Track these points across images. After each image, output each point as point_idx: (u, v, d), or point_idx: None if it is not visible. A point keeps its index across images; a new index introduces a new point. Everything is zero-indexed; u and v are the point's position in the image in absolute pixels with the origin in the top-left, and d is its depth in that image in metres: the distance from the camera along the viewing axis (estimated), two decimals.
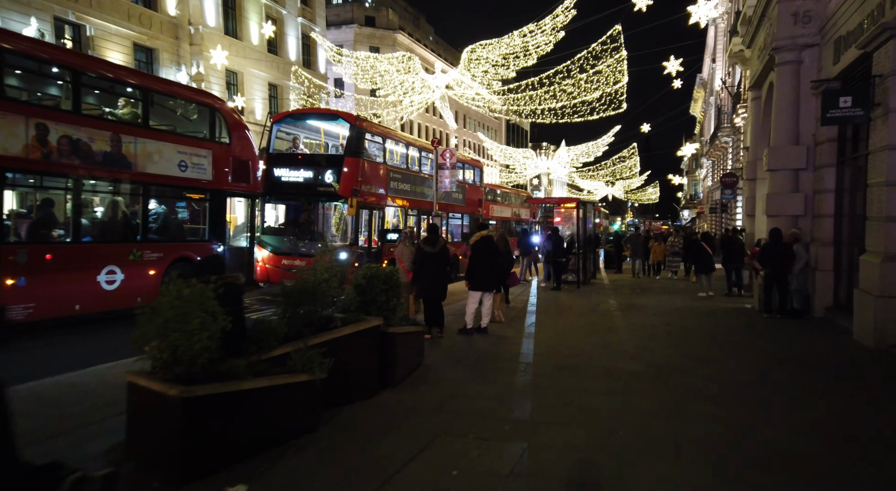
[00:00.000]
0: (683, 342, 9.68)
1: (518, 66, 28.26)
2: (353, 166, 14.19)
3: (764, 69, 15.59)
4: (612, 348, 9.08)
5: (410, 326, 7.14)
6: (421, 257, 9.55)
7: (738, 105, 26.78)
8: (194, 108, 12.06)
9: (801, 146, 13.15)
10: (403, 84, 30.33)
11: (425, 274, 9.50)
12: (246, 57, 35.71)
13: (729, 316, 12.88)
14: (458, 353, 8.71)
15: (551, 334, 10.23)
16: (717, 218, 40.21)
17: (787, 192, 13.33)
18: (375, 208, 15.50)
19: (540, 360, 8.20)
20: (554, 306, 14.07)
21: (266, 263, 14.31)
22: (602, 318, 12.31)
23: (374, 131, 15.61)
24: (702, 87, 63.56)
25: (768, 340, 10.06)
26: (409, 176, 17.24)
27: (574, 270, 19.03)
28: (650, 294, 16.88)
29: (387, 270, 6.85)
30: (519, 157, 63.64)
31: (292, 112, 16.89)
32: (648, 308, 13.88)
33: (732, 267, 16.50)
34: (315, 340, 5.37)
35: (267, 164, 14.58)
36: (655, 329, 10.91)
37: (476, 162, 25.23)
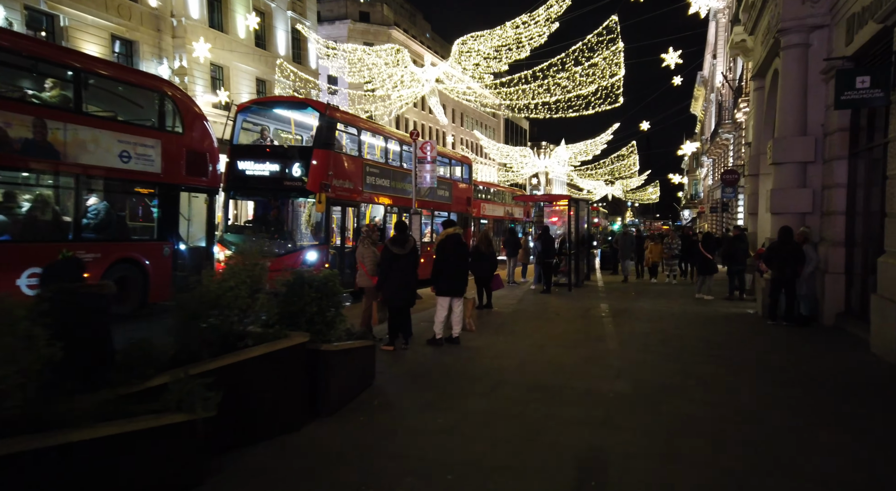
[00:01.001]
0: (679, 355, 8.56)
1: (511, 58, 27.13)
2: (322, 159, 13.09)
3: (768, 56, 14.47)
4: (597, 363, 7.97)
5: (355, 341, 6.04)
6: (388, 259, 8.45)
7: (739, 99, 25.67)
8: (141, 94, 10.96)
9: (808, 137, 12.03)
10: (392, 77, 29.21)
11: (393, 278, 8.41)
12: (232, 51, 34.56)
13: (730, 323, 11.76)
14: (420, 369, 7.60)
15: (531, 345, 9.12)
16: (717, 217, 39.09)
17: (794, 188, 12.22)
18: (350, 205, 14.40)
19: (512, 378, 7.09)
20: (540, 312, 12.96)
21: None
22: (591, 325, 11.20)
23: (347, 121, 14.50)
24: (702, 84, 62.52)
25: (775, 352, 8.94)
26: (388, 171, 16.13)
27: (566, 271, 17.93)
28: (645, 298, 15.77)
29: (321, 274, 5.75)
30: (516, 155, 62.56)
31: (258, 100, 15.81)
32: (642, 313, 12.77)
33: (735, 269, 15.38)
34: (212, 364, 4.27)
35: (230, 157, 13.49)
36: (648, 338, 9.79)
37: (465, 158, 24.12)
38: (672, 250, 20.12)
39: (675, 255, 20.09)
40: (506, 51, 27.12)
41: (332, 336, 5.66)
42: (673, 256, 20.15)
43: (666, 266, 20.64)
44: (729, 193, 28.94)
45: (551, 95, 27.53)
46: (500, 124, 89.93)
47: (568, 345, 9.22)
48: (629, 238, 21.49)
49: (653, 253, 20.97)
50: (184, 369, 3.86)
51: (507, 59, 27.25)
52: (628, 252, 20.97)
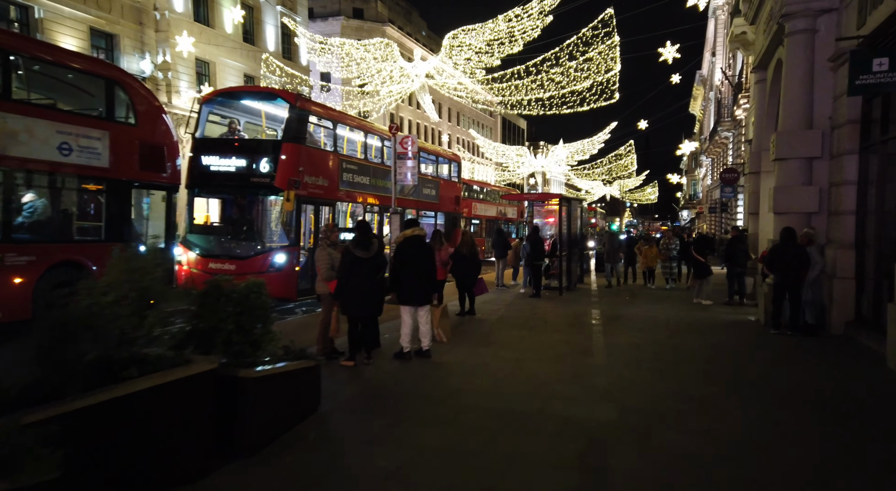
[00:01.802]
0: (674, 371, 7.64)
1: (503, 53, 26.20)
2: (292, 153, 12.17)
3: (770, 45, 13.58)
4: (581, 382, 7.04)
5: (291, 363, 5.11)
6: (349, 263, 7.53)
7: (739, 95, 24.78)
8: (87, 81, 10.03)
9: (815, 130, 11.13)
10: (381, 73, 28.27)
11: (354, 285, 7.49)
12: (219, 46, 33.64)
13: (730, 332, 10.85)
14: (378, 389, 6.68)
15: (510, 359, 8.20)
16: (716, 218, 38.22)
17: (798, 185, 11.31)
18: (324, 204, 13.47)
19: (481, 402, 6.17)
20: (526, 319, 12.04)
21: (191, 268, 12.28)
22: (579, 335, 10.27)
23: (321, 114, 13.56)
24: (701, 83, 61.82)
25: (781, 367, 8.02)
26: (367, 167, 15.21)
27: (556, 274, 17.01)
28: (640, 303, 14.85)
29: (244, 285, 4.82)
30: (513, 155, 61.64)
31: (223, 91, 14.87)
32: (636, 321, 11.85)
33: (735, 272, 14.47)
34: (74, 404, 3.35)
35: (193, 152, 12.56)
36: (641, 351, 8.87)
37: (454, 156, 23.20)
38: (669, 252, 18.44)
39: (672, 257, 18.46)
40: (498, 45, 26.19)
41: (260, 357, 4.74)
42: (670, 258, 18.47)
43: (663, 269, 18.84)
44: (728, 193, 28.10)
45: (545, 91, 26.61)
46: (498, 124, 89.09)
47: (551, 358, 8.30)
48: (616, 239, 19.54)
49: (646, 257, 18.85)
50: (11, 418, 2.92)
51: (499, 54, 26.32)
52: (615, 255, 18.94)
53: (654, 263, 18.76)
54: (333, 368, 7.51)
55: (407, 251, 8.06)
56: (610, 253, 18.84)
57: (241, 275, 11.88)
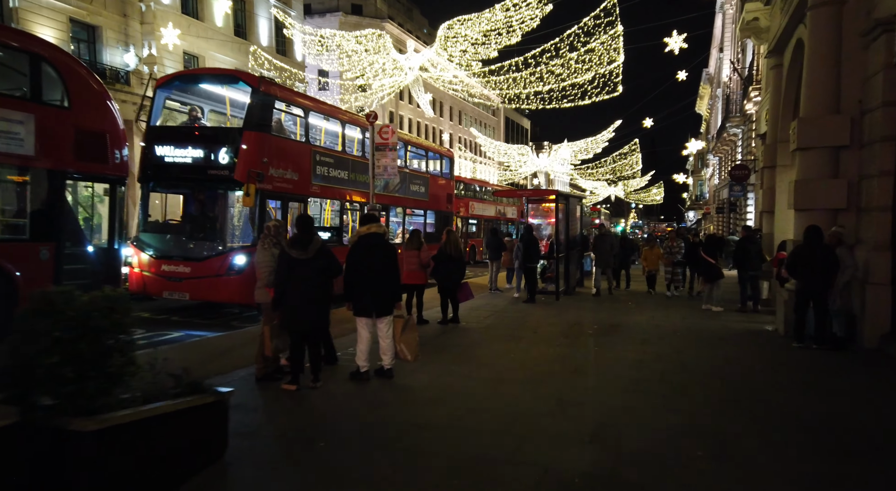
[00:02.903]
0: (682, 397, 6.33)
1: (501, 44, 24.88)
2: (253, 143, 10.89)
3: (789, 25, 12.25)
4: (566, 414, 5.73)
5: (172, 402, 3.82)
6: (286, 266, 6.26)
7: (750, 88, 23.40)
8: (8, 56, 8.76)
9: (842, 116, 9.81)
10: (374, 65, 27.00)
11: (293, 292, 6.21)
12: (208, 39, 32.48)
13: (746, 345, 9.52)
14: (314, 426, 5.38)
15: (487, 381, 6.89)
16: (724, 218, 36.81)
17: (823, 178, 9.99)
18: (293, 199, 12.19)
19: (437, 445, 4.86)
20: (515, 328, 10.73)
21: (143, 270, 11.01)
22: (572, 348, 8.96)
23: (289, 100, 12.26)
24: (708, 82, 60.52)
25: (812, 392, 6.69)
26: (346, 161, 13.92)
27: (552, 277, 15.69)
28: (643, 309, 13.51)
29: (86, 298, 3.50)
30: (515, 154, 60.31)
31: (181, 73, 13.61)
32: (638, 331, 10.53)
33: (748, 275, 13.12)
34: None
35: (146, 141, 11.30)
36: (642, 370, 7.55)
37: (446, 151, 21.89)
38: (673, 256, 16.18)
39: (677, 261, 16.17)
40: (495, 36, 24.87)
41: (112, 398, 3.45)
42: (675, 262, 16.19)
43: (666, 275, 16.44)
44: (737, 192, 26.71)
45: (544, 84, 25.27)
46: (501, 123, 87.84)
47: (535, 379, 6.99)
48: (608, 241, 16.53)
49: (648, 260, 16.79)
50: None
51: (496, 45, 25.00)
52: (606, 259, 16.21)
53: (656, 265, 16.69)
54: (270, 394, 6.23)
55: (363, 252, 6.78)
56: (601, 257, 16.36)
57: (196, 278, 10.63)
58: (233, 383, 6.50)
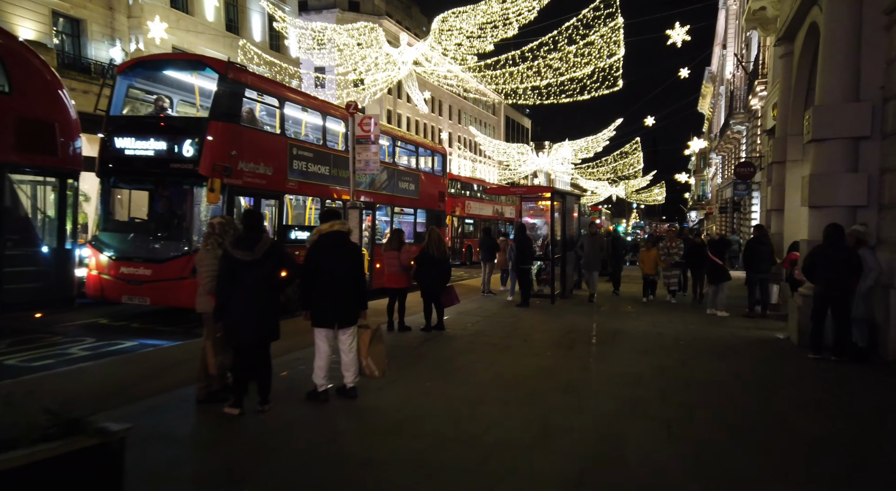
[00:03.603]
0: (686, 425, 5.44)
1: (497, 37, 24.01)
2: (220, 134, 10.02)
3: (800, 9, 11.35)
4: (551, 446, 4.85)
5: (26, 452, 2.93)
6: (229, 270, 5.39)
7: (755, 82, 22.49)
8: None
9: (862, 103, 8.92)
10: (366, 59, 26.14)
11: (238, 299, 5.35)
12: (199, 33, 31.70)
13: (757, 355, 8.63)
14: (249, 459, 4.50)
15: (464, 401, 6.01)
16: (727, 218, 35.89)
17: (841, 172, 9.09)
18: (267, 196, 11.33)
19: None
20: (504, 336, 9.85)
21: (101, 272, 10.15)
22: (564, 359, 8.08)
23: (262, 88, 11.39)
24: (710, 80, 59.62)
25: (838, 415, 5.80)
26: (326, 156, 13.04)
27: (548, 279, 14.80)
28: (644, 313, 12.62)
29: None
30: (514, 153, 59.44)
31: (144, 59, 12.70)
32: (638, 339, 9.64)
33: (758, 278, 12.22)
34: None
35: (105, 132, 10.43)
36: (641, 387, 6.67)
37: (438, 148, 21.00)
38: (672, 258, 14.55)
39: (676, 263, 14.63)
40: (491, 28, 23.99)
41: None
42: (674, 264, 14.63)
43: (665, 279, 14.87)
44: (742, 190, 25.80)
45: (542, 79, 24.40)
46: (501, 122, 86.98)
47: (520, 399, 6.10)
48: (597, 241, 15.19)
49: (646, 263, 15.11)
50: None
51: (492, 39, 24.13)
52: (595, 261, 14.89)
53: (653, 269, 15.04)
54: (207, 419, 5.35)
55: (324, 253, 5.90)
56: (590, 259, 14.84)
57: (157, 281, 9.76)
58: (171, 405, 5.65)
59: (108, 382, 6.50)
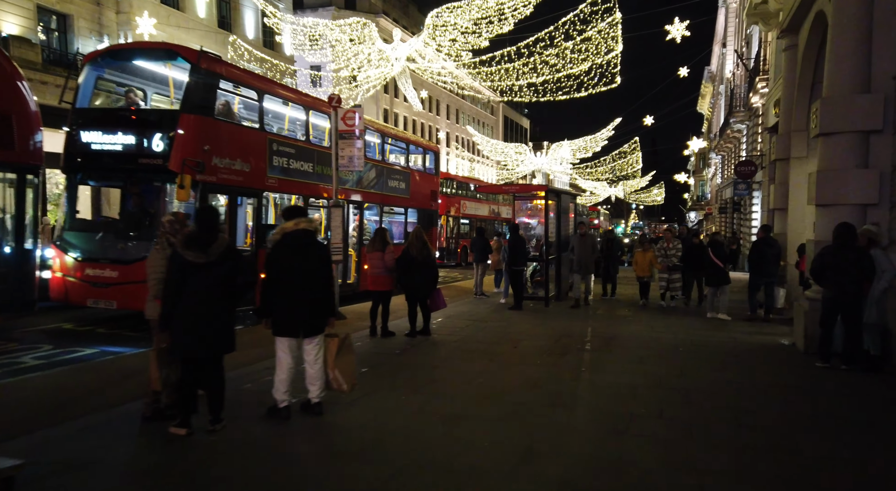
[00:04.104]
0: (685, 446, 4.87)
1: (492, 33, 23.44)
2: (192, 127, 9.45)
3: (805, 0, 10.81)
4: (533, 474, 4.28)
5: None
6: (178, 273, 4.83)
7: (756, 78, 21.94)
8: None
9: (873, 95, 8.36)
10: (358, 56, 25.57)
11: (187, 306, 4.78)
12: (190, 30, 31.16)
13: (761, 364, 8.05)
14: None
15: (441, 418, 5.44)
16: (727, 218, 35.34)
17: (851, 168, 8.52)
18: (245, 194, 10.77)
19: None
20: (493, 342, 9.28)
21: (65, 274, 9.57)
22: (554, 368, 7.51)
23: (239, 80, 10.81)
24: (710, 80, 59.19)
25: (860, 437, 5.23)
26: (309, 152, 12.46)
27: (542, 281, 14.25)
28: (641, 319, 12.05)
29: None
30: (512, 152, 58.88)
31: (111, 48, 12.12)
32: (635, 346, 9.08)
33: (763, 281, 11.65)
34: None
35: (71, 126, 9.85)
36: (636, 401, 6.10)
37: (430, 146, 20.42)
38: (669, 259, 13.24)
39: (673, 265, 13.26)
40: (486, 24, 23.44)
41: None
42: (671, 267, 13.27)
43: (661, 282, 13.61)
44: (742, 190, 25.26)
45: (538, 75, 23.80)
46: (499, 122, 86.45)
47: (504, 415, 5.54)
48: (588, 241, 13.75)
49: (640, 265, 13.88)
50: None
51: (487, 34, 23.56)
52: (586, 263, 13.54)
53: (649, 271, 13.86)
54: (148, 442, 4.78)
55: (288, 254, 5.33)
56: (581, 260, 13.52)
57: (124, 284, 9.17)
58: (112, 424, 5.08)
59: (51, 396, 5.92)
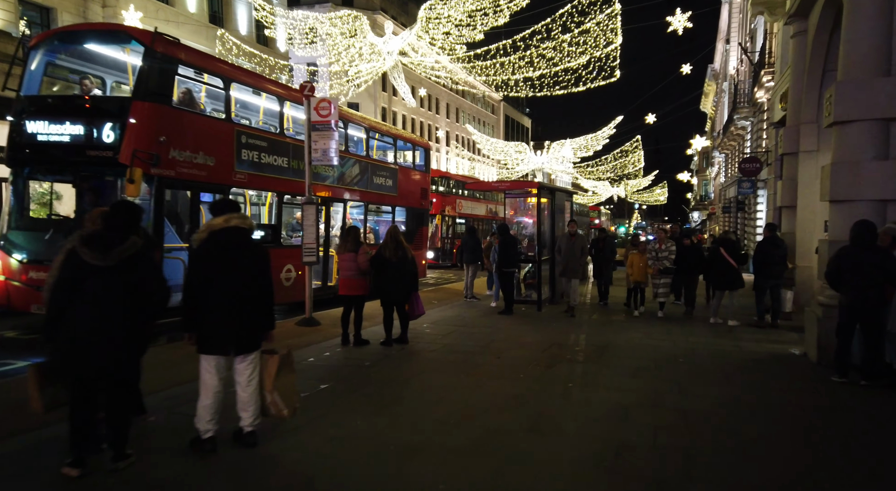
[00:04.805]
0: (684, 486, 4.04)
1: (487, 25, 22.64)
2: (145, 116, 8.64)
3: None
4: None
5: None
6: (71, 272, 4.04)
7: (761, 72, 21.07)
8: None
9: (894, 77, 7.53)
10: (349, 50, 24.76)
11: (81, 316, 3.98)
12: (180, 24, 30.39)
13: (770, 378, 7.22)
14: None
15: (396, 450, 4.62)
16: (731, 218, 34.46)
17: (869, 160, 7.71)
18: (210, 190, 9.97)
19: None
20: (474, 352, 8.46)
21: (8, 278, 8.77)
22: (538, 384, 6.68)
23: (202, 66, 10.00)
24: (713, 78, 58.36)
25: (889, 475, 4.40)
26: (284, 145, 11.65)
27: (534, 284, 13.42)
28: (638, 323, 11.21)
29: None
30: (511, 151, 58.04)
31: (59, 30, 11.30)
32: (629, 355, 8.25)
33: (768, 283, 10.80)
34: None
35: (15, 116, 9.05)
36: (627, 425, 5.27)
37: (421, 142, 19.57)
38: (661, 262, 11.91)
39: (666, 269, 11.92)
40: (481, 16, 22.64)
41: None
42: (663, 270, 11.91)
43: (654, 287, 12.20)
44: (746, 188, 24.40)
45: (535, 69, 23.01)
46: (500, 122, 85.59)
47: (471, 445, 4.71)
48: (577, 243, 12.14)
49: (634, 268, 12.15)
50: None
51: (482, 27, 22.75)
52: (573, 265, 12.04)
53: (643, 276, 12.15)
54: (38, 486, 3.97)
55: (215, 256, 4.52)
56: (567, 262, 12.01)
57: None
58: (10, 456, 4.27)
59: None
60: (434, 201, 27.35)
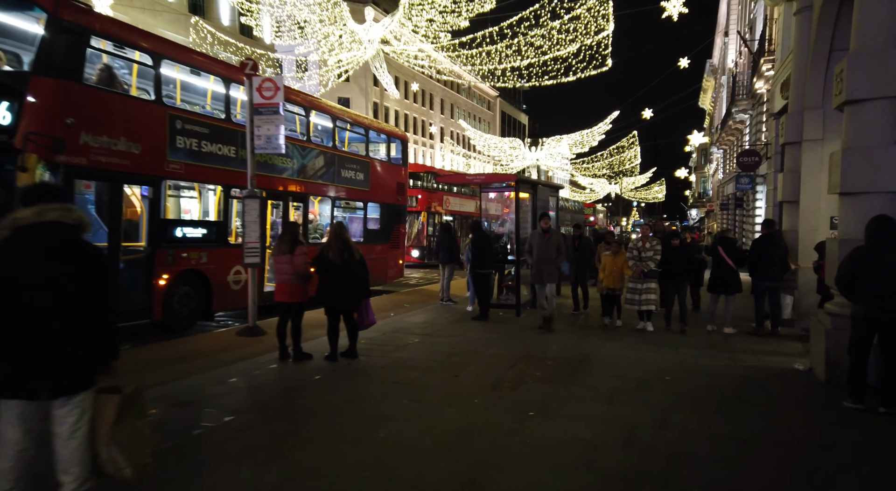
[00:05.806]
0: None
1: (472, 12, 21.50)
2: (46, 94, 7.46)
3: None
4: None
5: None
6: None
7: (761, 60, 19.91)
8: None
9: None
10: (329, 38, 23.59)
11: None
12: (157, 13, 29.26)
13: (771, 403, 6.06)
14: None
15: None
16: (729, 215, 33.34)
17: (886, 145, 6.56)
18: (135, 181, 8.80)
19: None
20: (429, 368, 7.30)
21: None
22: (494, 412, 5.52)
23: (123, 39, 8.76)
24: (711, 74, 57.39)
25: None
26: (230, 133, 10.45)
27: (513, 286, 12.27)
28: (623, 332, 10.05)
29: None
30: (506, 147, 56.90)
31: None
32: (608, 372, 7.10)
33: (766, 286, 9.65)
34: None
35: None
36: (591, 477, 4.12)
37: (397, 133, 18.36)
38: (644, 264, 9.92)
39: (650, 272, 9.92)
40: (466, 2, 21.50)
41: None
42: (646, 273, 9.92)
43: (630, 293, 10.17)
44: (745, 184, 23.33)
45: (523, 58, 21.85)
46: (496, 118, 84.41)
47: None
48: (552, 241, 9.90)
49: (609, 274, 10.21)
50: None
51: (467, 13, 21.62)
52: (548, 268, 9.84)
53: (619, 282, 10.28)
54: None
55: (14, 262, 3.27)
56: (540, 264, 9.89)
57: None
58: None
59: None
60: (420, 198, 26.20)
